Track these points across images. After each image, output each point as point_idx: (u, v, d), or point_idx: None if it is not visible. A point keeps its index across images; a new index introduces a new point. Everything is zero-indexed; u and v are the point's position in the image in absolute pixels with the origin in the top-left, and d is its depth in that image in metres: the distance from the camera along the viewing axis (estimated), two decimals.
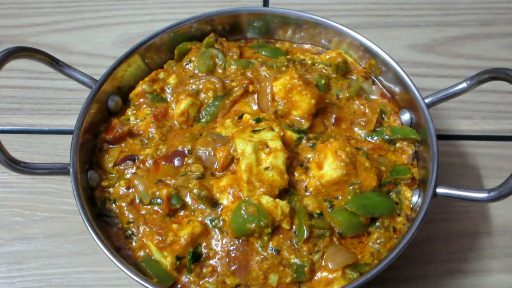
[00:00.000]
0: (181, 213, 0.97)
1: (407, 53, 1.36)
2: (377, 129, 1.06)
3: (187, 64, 1.11)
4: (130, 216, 0.98)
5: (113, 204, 1.00)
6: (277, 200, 0.91)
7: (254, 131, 0.96)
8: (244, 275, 0.91)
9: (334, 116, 1.06)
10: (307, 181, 0.96)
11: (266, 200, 0.91)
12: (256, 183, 0.92)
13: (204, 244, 0.94)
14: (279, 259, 0.91)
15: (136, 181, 0.99)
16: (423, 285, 1.08)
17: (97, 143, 1.05)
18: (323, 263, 0.92)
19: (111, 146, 1.05)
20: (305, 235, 0.91)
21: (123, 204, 0.99)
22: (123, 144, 1.05)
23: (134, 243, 0.96)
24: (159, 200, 0.96)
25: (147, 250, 0.95)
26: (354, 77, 1.13)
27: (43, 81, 1.32)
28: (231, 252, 0.92)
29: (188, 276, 0.93)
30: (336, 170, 0.93)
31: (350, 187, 0.94)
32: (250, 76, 1.07)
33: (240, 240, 0.92)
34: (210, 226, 0.94)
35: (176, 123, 1.05)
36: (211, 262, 0.93)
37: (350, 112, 1.08)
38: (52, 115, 1.28)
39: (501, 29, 1.38)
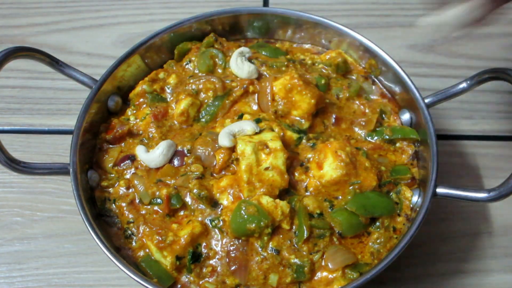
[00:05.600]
0: (181, 213, 0.97)
1: (407, 53, 1.36)
2: (377, 129, 1.06)
3: (187, 64, 1.11)
4: (130, 216, 0.98)
5: (113, 204, 1.00)
6: (277, 200, 0.91)
7: None
8: (244, 275, 0.91)
9: (334, 116, 1.06)
10: (307, 181, 0.96)
11: (266, 200, 0.91)
12: (256, 183, 0.92)
13: (204, 244, 0.94)
14: (279, 259, 0.91)
15: (136, 181, 0.99)
16: (423, 285, 1.08)
17: (97, 143, 1.05)
18: (323, 263, 0.92)
19: (111, 146, 1.05)
20: (305, 235, 0.91)
21: (123, 204, 0.99)
22: (123, 144, 1.05)
23: (134, 243, 0.96)
24: (159, 200, 0.96)
25: (147, 250, 0.95)
26: (354, 77, 1.13)
27: (43, 81, 1.32)
28: (231, 252, 0.92)
29: (188, 276, 0.93)
30: (336, 170, 0.93)
31: (350, 187, 0.94)
32: None
33: (240, 240, 0.92)
34: (210, 226, 0.94)
35: (176, 122, 1.05)
36: (211, 262, 0.93)
37: (350, 112, 1.08)
38: (52, 115, 1.28)
39: (501, 29, 1.38)
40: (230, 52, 1.10)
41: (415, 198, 0.99)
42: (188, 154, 0.99)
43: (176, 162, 0.99)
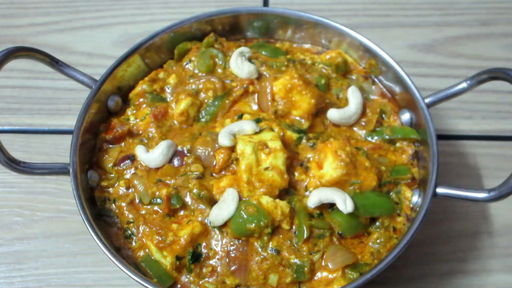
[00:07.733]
0: (181, 213, 0.97)
1: (407, 53, 1.36)
2: (377, 129, 1.06)
3: (187, 64, 1.11)
4: (130, 216, 0.98)
5: (113, 204, 1.00)
6: (277, 200, 0.91)
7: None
8: (244, 275, 0.91)
9: None
10: (307, 181, 0.96)
11: (266, 200, 0.91)
12: (256, 183, 0.92)
13: (204, 244, 0.94)
14: (279, 259, 0.91)
15: (135, 181, 0.99)
16: (423, 285, 1.08)
17: (97, 143, 1.05)
18: (323, 263, 0.92)
19: (111, 146, 1.05)
20: (305, 235, 0.91)
21: (123, 204, 0.99)
22: (123, 144, 1.05)
23: (134, 243, 0.96)
24: (159, 200, 0.96)
25: (147, 250, 0.95)
26: (354, 77, 1.13)
27: (43, 81, 1.32)
28: (231, 252, 0.92)
29: (188, 276, 0.93)
30: (336, 170, 0.93)
31: (350, 187, 0.94)
32: None
33: (240, 240, 0.92)
34: (210, 226, 0.94)
35: (176, 122, 1.05)
36: (211, 262, 0.93)
37: None
38: (52, 115, 1.28)
39: (501, 29, 1.38)
40: (230, 52, 1.10)
41: (415, 198, 0.99)
42: (188, 154, 0.99)
43: (176, 162, 0.99)
